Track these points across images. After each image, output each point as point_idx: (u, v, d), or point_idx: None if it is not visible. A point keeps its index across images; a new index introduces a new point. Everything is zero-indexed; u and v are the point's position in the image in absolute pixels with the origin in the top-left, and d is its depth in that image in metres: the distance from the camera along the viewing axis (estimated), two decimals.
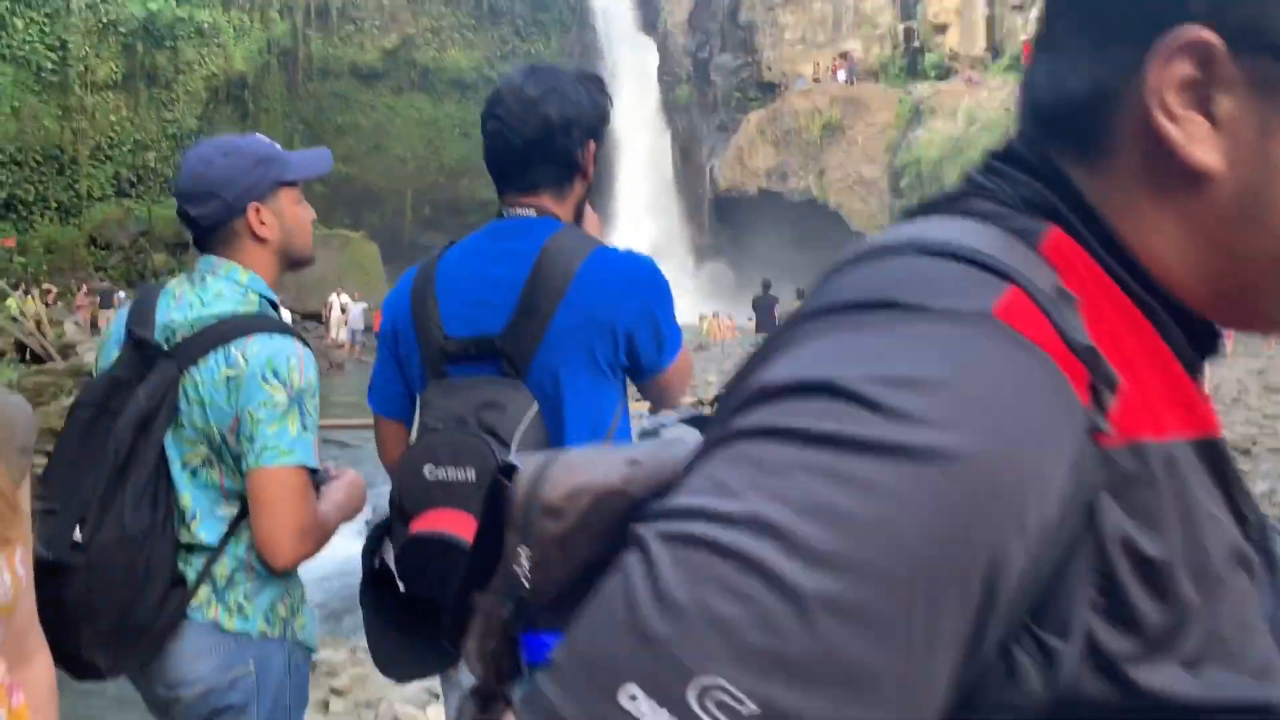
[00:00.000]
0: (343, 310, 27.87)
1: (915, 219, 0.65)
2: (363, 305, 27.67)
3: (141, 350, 1.92)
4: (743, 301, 29.35)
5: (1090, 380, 0.54)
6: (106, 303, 25.21)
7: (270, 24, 37.36)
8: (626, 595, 0.49)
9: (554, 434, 1.75)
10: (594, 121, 1.88)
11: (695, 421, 0.84)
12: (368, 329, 27.97)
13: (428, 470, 1.67)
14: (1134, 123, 0.60)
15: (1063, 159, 0.64)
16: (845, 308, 0.56)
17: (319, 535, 1.95)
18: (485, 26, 41.69)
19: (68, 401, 10.30)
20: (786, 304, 20.56)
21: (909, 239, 0.59)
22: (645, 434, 0.84)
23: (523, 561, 0.68)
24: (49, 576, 1.73)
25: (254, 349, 1.88)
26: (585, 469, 0.69)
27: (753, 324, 21.78)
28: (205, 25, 34.75)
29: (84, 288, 27.37)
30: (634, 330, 1.79)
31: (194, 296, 1.98)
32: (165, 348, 1.91)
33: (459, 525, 1.60)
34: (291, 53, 38.01)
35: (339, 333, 27.64)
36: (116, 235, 32.26)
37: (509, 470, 0.74)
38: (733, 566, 0.47)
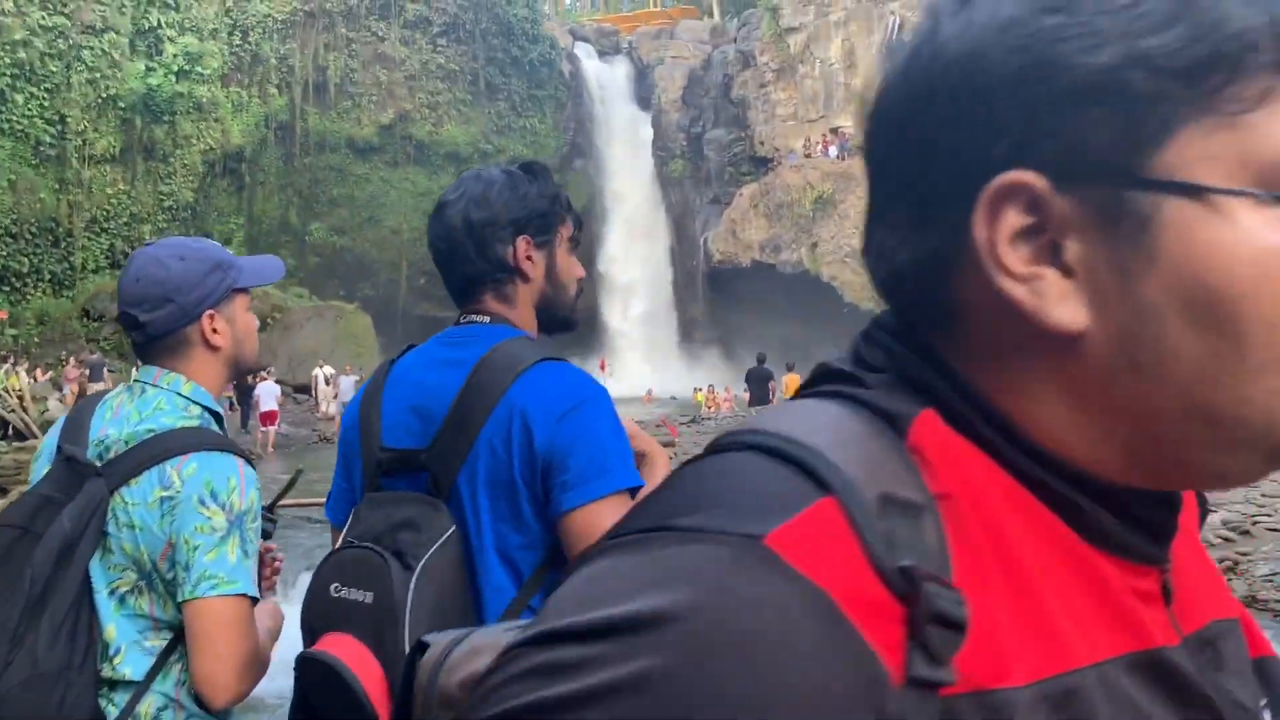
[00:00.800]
0: (327, 382, 27.70)
1: (807, 393, 0.59)
2: (354, 377, 27.52)
3: (72, 467, 1.80)
4: (736, 374, 29.27)
5: (907, 615, 0.45)
6: (96, 375, 25.05)
7: (269, 99, 37.79)
8: None
9: (472, 562, 1.63)
10: (520, 216, 1.77)
11: None
12: None
13: (333, 588, 1.57)
14: (977, 290, 0.52)
15: (928, 332, 0.56)
16: (634, 530, 0.48)
17: (261, 668, 1.81)
18: (482, 102, 42.21)
19: None
20: (780, 377, 20.51)
21: (760, 431, 0.52)
22: None
23: None
24: None
25: (190, 469, 1.75)
26: (487, 653, 0.62)
27: (748, 396, 21.66)
28: (204, 100, 35.12)
29: (71, 360, 27.24)
30: (552, 456, 1.59)
31: (131, 409, 1.85)
32: (98, 465, 1.79)
33: (347, 651, 1.48)
34: (289, 127, 38.40)
35: (328, 406, 27.45)
36: (109, 307, 32.13)
37: (423, 649, 0.68)
38: None
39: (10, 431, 13.16)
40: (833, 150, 39.08)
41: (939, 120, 0.52)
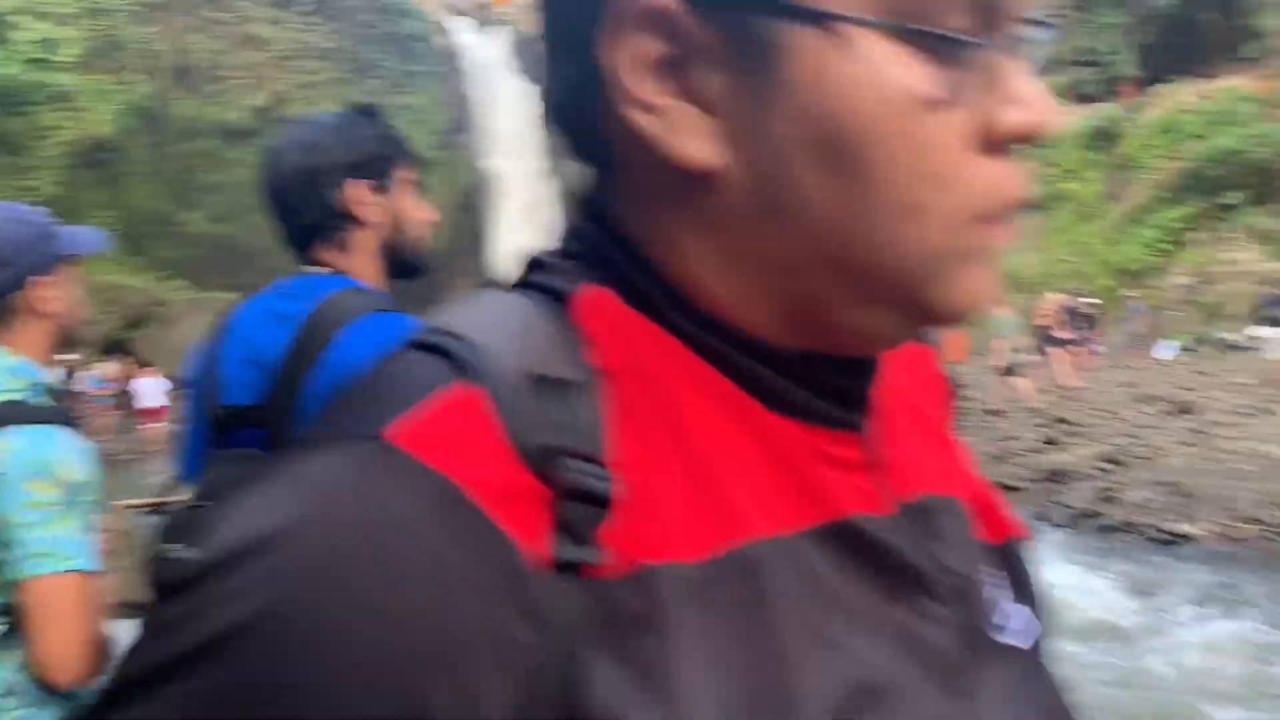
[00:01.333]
0: None
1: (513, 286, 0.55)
2: None
3: None
4: None
5: (552, 497, 0.41)
6: None
7: (132, 86, 36.29)
8: None
9: None
10: (351, 160, 1.72)
11: None
12: None
13: (170, 549, 1.54)
14: (618, 126, 0.48)
15: (604, 190, 0.53)
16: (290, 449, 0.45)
17: (108, 647, 1.74)
18: (357, 80, 41.25)
19: None
20: None
21: (429, 327, 0.48)
22: None
23: None
24: None
25: (12, 443, 1.67)
26: None
27: None
28: (64, 89, 33.56)
29: None
30: None
31: None
32: None
33: None
34: (156, 114, 36.96)
35: None
36: None
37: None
38: None
39: None
40: None
41: None
